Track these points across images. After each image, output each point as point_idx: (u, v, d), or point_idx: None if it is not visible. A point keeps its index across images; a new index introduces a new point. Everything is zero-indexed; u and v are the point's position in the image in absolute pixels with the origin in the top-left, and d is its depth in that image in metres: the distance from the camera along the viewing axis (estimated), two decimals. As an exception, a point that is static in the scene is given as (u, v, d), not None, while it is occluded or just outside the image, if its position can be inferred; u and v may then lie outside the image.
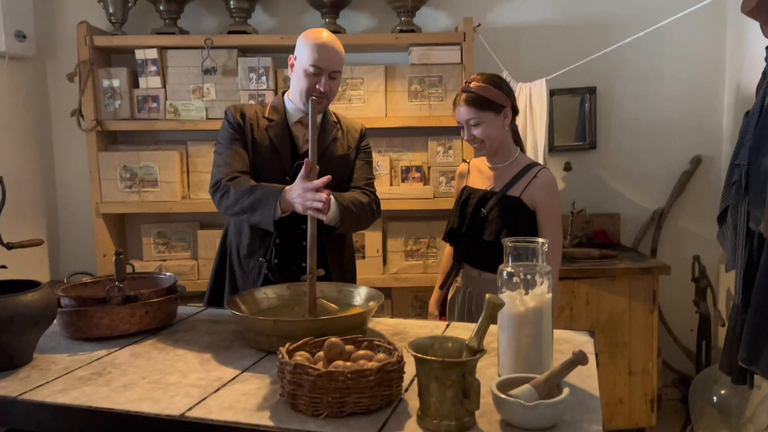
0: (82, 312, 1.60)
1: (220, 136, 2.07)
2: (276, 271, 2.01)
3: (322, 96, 1.97)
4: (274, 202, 1.81)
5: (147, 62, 3.08)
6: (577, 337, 1.64)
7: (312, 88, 1.95)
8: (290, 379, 1.18)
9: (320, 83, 1.95)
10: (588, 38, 3.25)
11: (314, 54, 1.93)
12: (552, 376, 1.15)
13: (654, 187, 3.40)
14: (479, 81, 2.04)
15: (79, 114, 3.06)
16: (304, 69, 1.95)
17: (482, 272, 2.10)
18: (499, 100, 2.03)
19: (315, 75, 1.94)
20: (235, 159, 1.98)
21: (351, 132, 2.14)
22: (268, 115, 2.05)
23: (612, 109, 3.38)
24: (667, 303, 3.32)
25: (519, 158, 2.12)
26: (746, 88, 3.08)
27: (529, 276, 1.31)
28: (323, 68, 1.94)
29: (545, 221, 2.04)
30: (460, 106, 2.05)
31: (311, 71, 1.94)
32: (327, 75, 1.96)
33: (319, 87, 1.95)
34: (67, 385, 1.35)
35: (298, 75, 1.97)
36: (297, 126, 2.05)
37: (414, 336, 1.63)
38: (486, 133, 2.03)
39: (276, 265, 2.01)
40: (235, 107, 2.07)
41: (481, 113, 2.01)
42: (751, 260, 2.26)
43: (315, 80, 1.95)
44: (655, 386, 2.95)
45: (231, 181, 1.93)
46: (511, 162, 2.11)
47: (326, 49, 1.94)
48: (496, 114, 2.03)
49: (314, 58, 1.93)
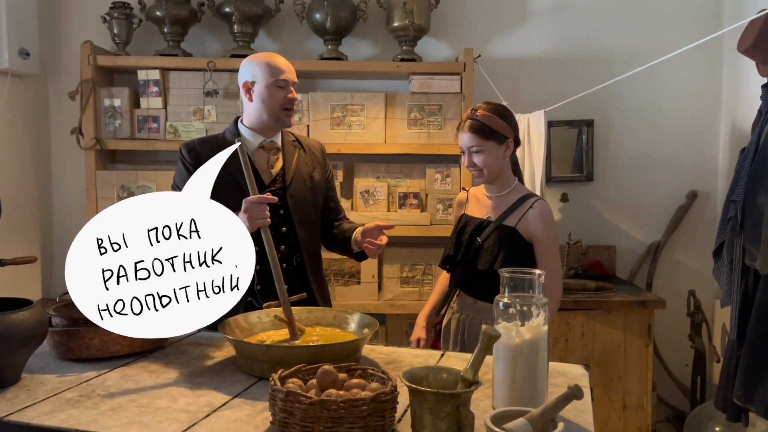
0: (73, 332, 1.58)
1: (176, 176, 2.08)
2: (260, 297, 2.00)
3: (292, 108, 2.02)
4: None
5: (149, 83, 3.10)
6: (572, 370, 1.62)
7: (284, 100, 2.00)
8: (282, 407, 1.17)
9: (291, 93, 2.01)
10: (586, 72, 3.28)
11: (277, 69, 1.99)
12: (547, 410, 1.14)
13: (650, 221, 3.41)
14: (485, 110, 2.07)
15: (79, 132, 3.07)
16: (270, 85, 1.98)
17: (477, 300, 2.11)
18: (503, 131, 2.05)
19: (283, 88, 2.00)
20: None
21: (312, 151, 2.18)
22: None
23: (609, 142, 3.40)
24: (662, 337, 3.31)
25: (516, 188, 2.14)
26: (741, 125, 3.12)
27: (526, 307, 1.30)
28: (289, 80, 2.01)
29: (543, 253, 2.05)
30: (464, 132, 2.07)
31: (279, 85, 1.99)
32: (290, 85, 2.02)
33: (290, 97, 2.01)
34: (55, 407, 1.33)
35: (263, 95, 2.00)
36: (259, 152, 2.05)
37: (408, 365, 1.62)
38: (486, 162, 2.05)
39: (259, 291, 2.00)
40: (188, 146, 2.07)
41: (484, 142, 2.04)
42: (746, 296, 2.26)
43: (284, 92, 2.00)
44: (650, 421, 2.92)
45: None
46: (509, 192, 2.12)
47: (285, 63, 2.03)
48: (499, 144, 2.06)
49: (278, 72, 1.99)
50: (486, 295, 2.07)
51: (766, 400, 2.09)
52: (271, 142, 2.07)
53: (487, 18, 3.36)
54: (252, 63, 2.03)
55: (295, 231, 2.04)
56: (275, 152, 2.08)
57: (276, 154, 2.08)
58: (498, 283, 2.02)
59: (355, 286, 3.13)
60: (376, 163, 3.18)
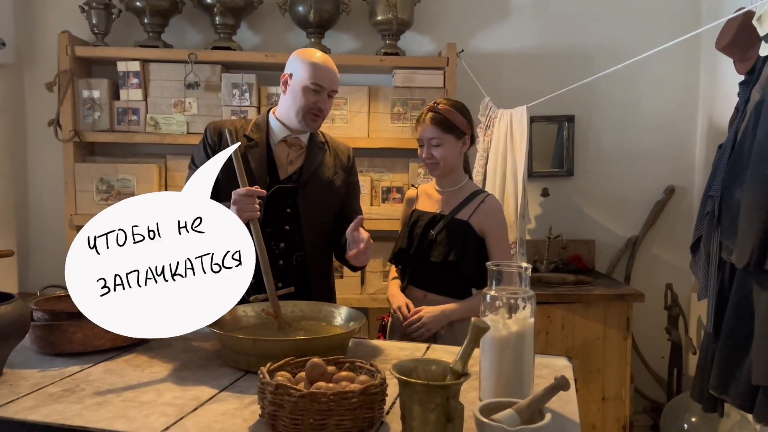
0: (56, 326, 1.56)
1: (195, 152, 2.06)
2: (251, 291, 1.98)
3: (320, 115, 1.98)
4: None
5: (129, 74, 3.06)
6: (555, 362, 1.65)
7: (312, 105, 1.96)
8: (271, 400, 1.16)
9: (322, 102, 1.96)
10: (568, 68, 3.32)
11: (316, 72, 1.94)
12: (534, 401, 1.15)
13: (628, 216, 3.46)
14: (447, 105, 2.12)
15: (56, 124, 3.02)
16: (305, 86, 1.94)
17: (427, 293, 2.13)
18: (463, 127, 2.10)
19: (316, 93, 1.95)
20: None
21: (339, 155, 2.13)
22: (249, 133, 2.02)
23: (589, 138, 3.44)
24: (638, 330, 3.36)
25: (467, 185, 2.19)
26: (718, 121, 3.17)
27: (512, 300, 1.32)
28: (325, 87, 1.96)
29: (495, 246, 2.10)
30: (425, 124, 2.09)
31: (313, 89, 1.94)
32: (327, 93, 1.97)
33: (320, 105, 1.96)
34: (38, 402, 1.31)
35: (296, 93, 1.96)
36: (281, 145, 2.04)
37: (395, 358, 1.63)
38: (444, 155, 2.09)
39: (252, 286, 1.98)
40: (215, 125, 2.05)
41: (444, 135, 2.08)
42: (722, 290, 2.31)
43: (316, 98, 1.95)
44: (628, 413, 2.97)
45: None
46: (460, 187, 2.17)
47: (327, 69, 1.97)
48: (457, 139, 2.10)
49: (316, 76, 1.94)
50: (438, 287, 2.11)
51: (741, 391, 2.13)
52: (296, 138, 2.03)
53: (470, 13, 3.37)
54: (297, 58, 1.99)
55: (301, 230, 2.01)
56: (298, 149, 2.04)
57: (298, 151, 2.04)
58: (450, 276, 2.10)
59: (338, 280, 3.10)
60: (359, 157, 3.12)
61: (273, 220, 1.98)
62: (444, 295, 2.09)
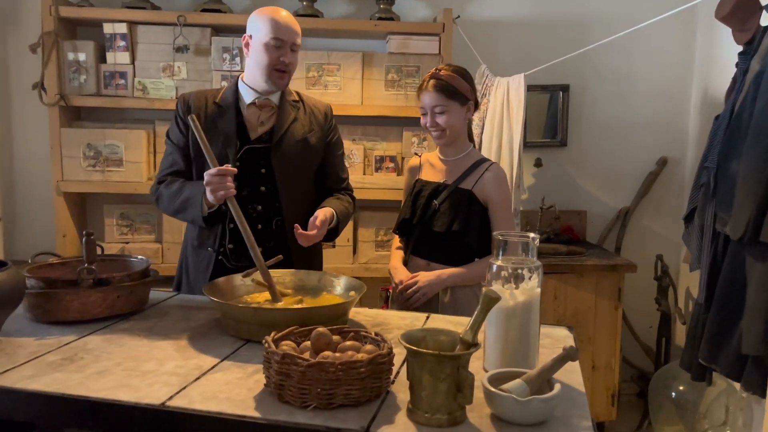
0: (51, 294, 1.53)
1: (170, 126, 2.05)
2: (231, 257, 1.97)
3: (285, 70, 1.95)
4: (200, 198, 1.81)
5: (115, 37, 2.97)
6: (556, 332, 1.65)
7: (275, 61, 1.93)
8: (277, 370, 1.15)
9: (284, 55, 1.93)
10: (564, 37, 3.28)
11: (275, 26, 1.91)
12: (543, 371, 1.15)
13: (621, 186, 3.47)
14: (449, 70, 2.06)
15: (41, 87, 2.93)
16: (265, 43, 1.91)
17: (430, 263, 2.11)
18: (466, 93, 2.06)
19: (277, 48, 1.92)
20: (175, 155, 2.01)
21: (315, 112, 2.10)
22: (219, 100, 2.00)
23: (584, 108, 3.42)
24: (627, 300, 3.39)
25: (471, 153, 2.15)
26: (713, 92, 3.17)
27: (519, 270, 1.31)
28: (285, 40, 1.92)
29: (498, 214, 2.06)
30: (428, 92, 2.04)
31: (273, 44, 1.91)
32: (288, 47, 1.94)
33: (283, 59, 1.93)
34: (37, 371, 1.28)
35: (258, 51, 1.93)
36: (251, 108, 2.01)
37: (396, 327, 1.62)
38: (449, 122, 2.04)
39: (231, 251, 1.97)
40: (184, 98, 2.03)
41: (448, 101, 2.03)
42: (715, 261, 2.32)
43: (278, 53, 1.92)
44: (617, 381, 3.02)
45: (162, 183, 1.98)
46: (464, 156, 2.13)
47: (285, 22, 1.93)
48: (461, 105, 2.06)
49: (275, 30, 1.91)
50: (440, 257, 2.09)
51: (730, 360, 2.16)
52: (266, 99, 2.00)
53: (466, -22, 3.30)
54: (255, 17, 1.95)
55: (277, 192, 1.99)
56: (268, 110, 2.01)
57: (269, 112, 2.02)
58: (453, 246, 2.08)
59: (330, 250, 3.10)
60: (352, 125, 3.13)
61: (248, 182, 1.96)
62: (447, 265, 2.07)
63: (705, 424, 2.81)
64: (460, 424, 1.10)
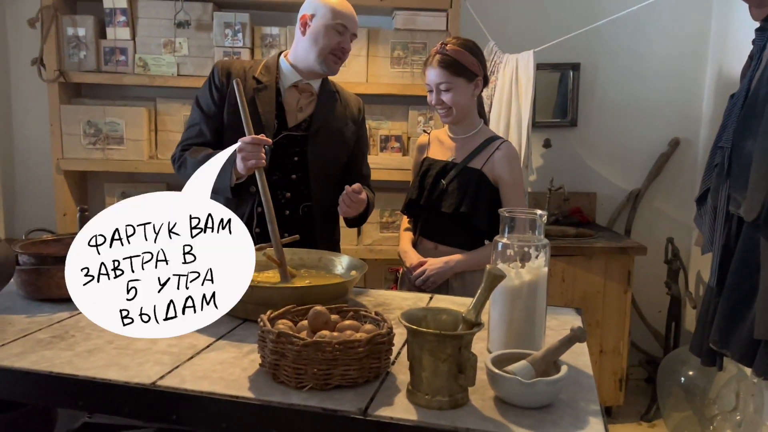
0: (43, 270, 1.49)
1: (200, 93, 1.97)
2: (257, 241, 1.91)
3: (342, 57, 1.91)
4: (229, 167, 1.72)
5: (116, 11, 2.90)
6: (563, 314, 1.60)
7: (336, 46, 1.88)
8: (272, 349, 1.11)
9: (344, 42, 1.89)
10: (575, 13, 3.19)
11: (342, 13, 1.87)
12: (549, 352, 1.10)
13: (632, 168, 3.39)
14: (455, 45, 1.96)
15: (40, 63, 2.87)
16: (329, 25, 1.86)
17: (438, 245, 2.04)
18: (473, 68, 1.96)
19: (340, 33, 1.88)
20: (203, 125, 1.92)
21: (350, 106, 2.06)
22: (258, 75, 1.93)
23: (595, 87, 3.34)
24: (637, 284, 3.34)
25: (482, 130, 2.06)
26: (728, 72, 3.07)
27: (526, 248, 1.25)
28: (349, 28, 1.89)
29: (509, 195, 1.98)
30: (433, 68, 1.95)
31: (338, 29, 1.87)
32: (350, 35, 1.90)
33: (344, 45, 1.89)
34: (26, 349, 1.24)
35: (318, 33, 1.87)
36: (291, 91, 1.94)
37: (397, 307, 1.58)
38: (455, 100, 1.95)
39: (257, 234, 1.91)
40: (223, 64, 1.96)
41: (454, 78, 1.94)
42: (728, 244, 2.26)
43: (340, 38, 1.88)
44: (625, 365, 2.97)
45: (186, 150, 1.88)
46: (474, 133, 2.04)
47: (351, 11, 1.90)
48: (468, 82, 1.96)
49: (342, 16, 1.87)
50: (449, 238, 2.02)
51: (742, 345, 2.11)
52: (307, 84, 1.94)
53: (475, -48, 3.21)
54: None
55: (308, 181, 1.93)
56: (308, 96, 1.96)
57: (309, 98, 1.96)
58: (462, 228, 2.00)
59: (334, 230, 3.05)
60: (356, 103, 3.05)
61: (280, 168, 1.92)
62: (455, 247, 2.01)
63: (714, 409, 2.76)
64: (462, 406, 1.06)
